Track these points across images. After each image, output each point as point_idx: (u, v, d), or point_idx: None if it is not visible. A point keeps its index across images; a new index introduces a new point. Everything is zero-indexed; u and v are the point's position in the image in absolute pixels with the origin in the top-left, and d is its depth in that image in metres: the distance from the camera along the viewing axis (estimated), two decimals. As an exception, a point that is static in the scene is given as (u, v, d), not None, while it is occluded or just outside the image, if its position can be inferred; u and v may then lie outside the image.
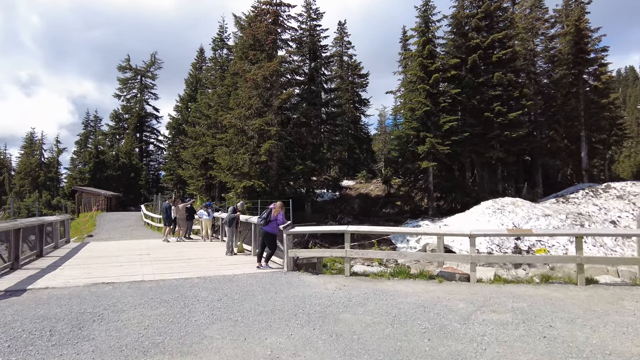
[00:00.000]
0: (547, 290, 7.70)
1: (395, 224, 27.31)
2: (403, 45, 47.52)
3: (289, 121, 25.28)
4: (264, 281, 8.27)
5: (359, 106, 47.23)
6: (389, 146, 48.02)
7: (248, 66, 25.84)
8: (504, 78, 26.55)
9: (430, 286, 8.06)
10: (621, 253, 18.92)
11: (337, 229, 9.18)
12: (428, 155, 25.73)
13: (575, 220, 23.03)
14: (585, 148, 33.24)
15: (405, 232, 9.05)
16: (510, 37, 28.33)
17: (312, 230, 9.92)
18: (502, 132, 26.52)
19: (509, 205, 23.99)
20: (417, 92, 26.74)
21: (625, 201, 25.08)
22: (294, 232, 9.48)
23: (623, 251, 19.41)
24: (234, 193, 24.88)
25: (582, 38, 32.29)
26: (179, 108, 51.65)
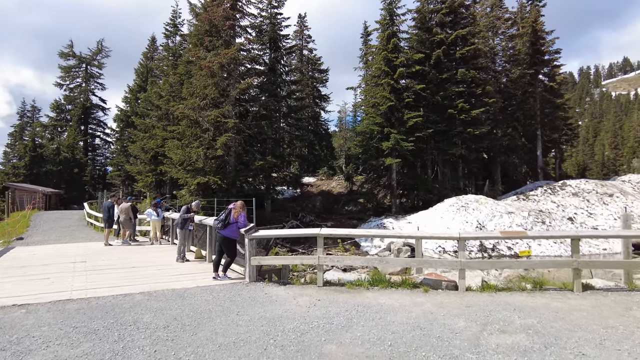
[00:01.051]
0: (545, 299, 6.88)
1: (358, 221, 26.50)
2: (364, 40, 46.93)
3: (248, 113, 23.69)
4: (223, 297, 6.89)
5: (319, 102, 46.17)
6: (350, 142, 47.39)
7: (203, 53, 23.93)
8: (467, 75, 26.37)
9: (416, 297, 7.03)
10: (588, 251, 19.08)
11: (309, 232, 7.95)
12: (392, 151, 25.05)
13: (537, 218, 23.20)
14: (541, 146, 34.07)
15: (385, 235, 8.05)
16: (474, 34, 28.27)
17: (280, 234, 8.62)
18: (464, 129, 26.35)
19: (472, 202, 23.81)
20: (381, 86, 25.96)
21: (580, 198, 25.69)
22: (257, 236, 8.14)
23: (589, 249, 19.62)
24: (187, 190, 22.97)
25: (538, 39, 32.99)
26: (127, 99, 48.17)
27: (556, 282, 8.84)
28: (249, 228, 8.04)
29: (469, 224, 22.28)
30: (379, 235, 7.99)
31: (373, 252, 22.33)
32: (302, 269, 13.31)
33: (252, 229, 8.08)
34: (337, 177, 37.58)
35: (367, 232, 7.93)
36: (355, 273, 9.75)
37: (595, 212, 24.26)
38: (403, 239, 21.52)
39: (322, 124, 46.87)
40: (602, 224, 23.24)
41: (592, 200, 25.23)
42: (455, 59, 27.53)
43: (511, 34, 33.74)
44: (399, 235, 7.73)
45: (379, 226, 24.12)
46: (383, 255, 21.84)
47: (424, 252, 21.02)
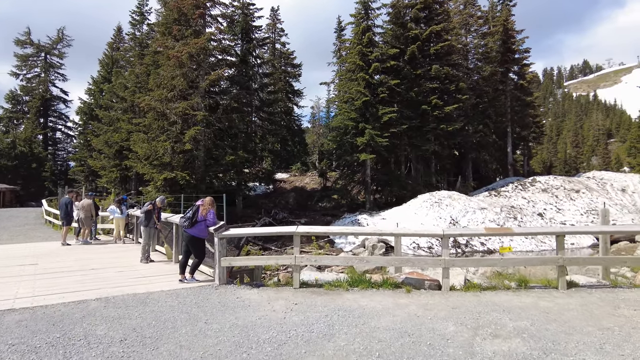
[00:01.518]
0: (532, 298, 6.62)
1: (332, 218, 26.09)
2: (338, 35, 46.56)
3: (218, 106, 22.76)
4: (190, 302, 6.25)
5: (292, 97, 45.40)
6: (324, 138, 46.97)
7: (172, 43, 22.81)
8: (441, 71, 26.37)
9: (399, 299, 6.62)
10: (550, 245, 19.30)
11: (284, 230, 7.40)
12: (367, 147, 24.74)
13: (509, 213, 23.48)
14: (511, 143, 34.70)
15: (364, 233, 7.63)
16: (447, 31, 28.31)
17: (253, 232, 8.02)
18: (438, 125, 26.37)
19: (445, 198, 23.85)
20: (355, 81, 25.57)
21: (549, 194, 26.23)
22: (228, 235, 7.52)
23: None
24: (153, 186, 21.88)
25: (509, 38, 33.50)
26: (91, 91, 45.84)
27: (537, 279, 8.66)
28: (218, 226, 7.40)
29: (442, 219, 22.28)
30: (358, 233, 7.54)
31: (348, 248, 21.98)
32: (275, 267, 12.76)
33: (222, 227, 7.45)
34: (310, 173, 37.08)
35: (345, 230, 7.47)
36: (333, 272, 9.27)
37: (563, 207, 24.81)
38: (380, 236, 21.29)
39: (295, 119, 46.20)
40: (570, 219, 23.78)
41: (560, 196, 25.81)
42: (429, 55, 27.49)
43: (483, 32, 34.12)
44: (379, 232, 7.30)
45: (354, 222, 23.79)
46: (358, 252, 21.57)
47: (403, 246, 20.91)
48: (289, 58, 46.57)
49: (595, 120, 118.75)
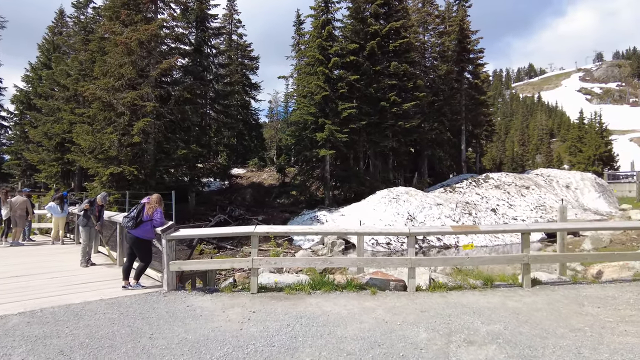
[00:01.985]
0: (499, 297, 6.46)
1: (291, 214, 25.55)
2: (297, 29, 45.80)
3: (170, 97, 21.48)
4: (133, 313, 5.53)
5: (250, 90, 44.19)
6: (282, 134, 46.21)
7: (120, 28, 21.24)
8: (400, 68, 26.45)
9: (365, 301, 6.24)
10: (502, 241, 19.89)
11: (241, 230, 6.80)
12: (326, 142, 24.37)
13: (464, 209, 23.97)
14: (465, 141, 35.63)
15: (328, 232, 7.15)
16: (406, 28, 28.44)
17: (207, 233, 7.33)
18: (396, 122, 26.47)
19: (403, 194, 23.98)
20: (315, 75, 25.09)
21: (502, 190, 27.10)
22: (178, 236, 6.80)
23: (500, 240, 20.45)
24: (99, 182, 20.34)
25: (465, 37, 34.30)
26: (29, 78, 42.22)
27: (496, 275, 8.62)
28: (167, 227, 6.67)
29: (400, 215, 22.37)
30: (322, 232, 7.09)
31: (306, 245, 21.54)
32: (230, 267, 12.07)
33: (170, 227, 6.73)
34: (268, 168, 36.27)
35: (309, 229, 7.00)
36: (293, 273, 8.76)
37: (514, 203, 25.70)
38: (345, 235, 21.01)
39: (253, 114, 45.05)
40: (521, 215, 24.67)
41: (511, 192, 26.74)
42: (388, 52, 27.50)
43: (440, 30, 34.72)
44: (343, 231, 6.90)
45: (313, 219, 23.38)
46: (316, 249, 21.21)
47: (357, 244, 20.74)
48: (245, 50, 45.27)
49: (539, 121, 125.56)
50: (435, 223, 22.40)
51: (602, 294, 6.71)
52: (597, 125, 46.71)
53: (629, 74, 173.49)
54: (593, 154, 43.22)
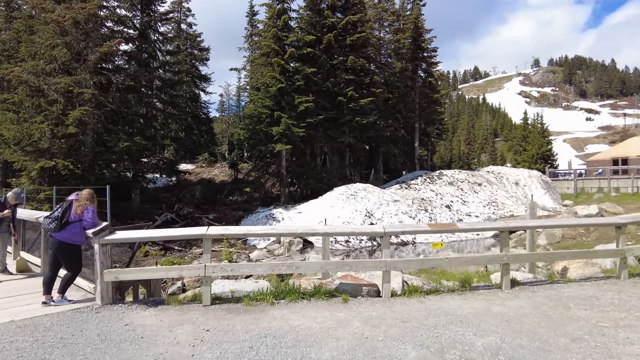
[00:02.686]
0: (481, 302, 5.91)
1: (245, 212, 24.34)
2: (250, 20, 44.30)
3: (111, 84, 19.56)
4: (52, 339, 4.36)
5: (199, 82, 42.13)
6: (234, 128, 44.55)
7: (51, 5, 19.01)
8: (357, 62, 25.98)
9: (337, 311, 5.45)
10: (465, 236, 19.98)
11: (191, 232, 5.74)
12: (283, 137, 23.38)
13: (420, 206, 23.97)
14: (418, 138, 35.98)
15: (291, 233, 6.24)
16: (364, 22, 28.02)
17: (150, 236, 6.18)
18: (353, 117, 26.01)
19: (361, 191, 23.58)
20: (270, 66, 24.01)
21: (455, 187, 27.49)
22: (114, 240, 5.65)
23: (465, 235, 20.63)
24: (27, 177, 18.11)
25: (420, 35, 34.52)
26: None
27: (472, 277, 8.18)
28: (100, 228, 5.50)
29: (358, 212, 21.92)
30: (287, 233, 6.23)
31: (262, 245, 20.50)
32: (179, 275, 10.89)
33: (105, 229, 5.56)
34: (219, 164, 34.64)
35: (271, 230, 6.11)
36: (252, 279, 7.82)
37: (468, 199, 26.13)
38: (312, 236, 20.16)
39: (203, 107, 43.00)
40: (474, 211, 25.10)
41: (465, 189, 27.19)
42: (345, 46, 26.94)
43: (396, 27, 34.73)
44: (310, 231, 6.10)
45: (268, 217, 22.35)
46: (272, 249, 20.23)
47: (314, 242, 19.96)
48: (195, 40, 43.15)
49: (484, 121, 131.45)
50: (393, 220, 22.19)
51: (583, 294, 6.37)
52: (539, 126, 49.22)
53: (561, 80, 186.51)
54: (536, 153, 45.41)
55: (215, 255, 19.35)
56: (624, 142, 46.39)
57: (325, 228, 6.35)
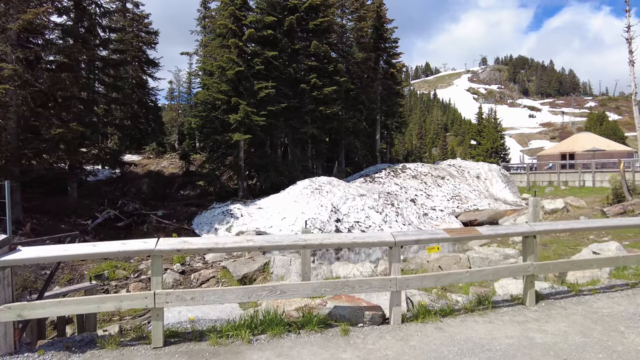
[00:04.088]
0: (512, 327, 4.72)
1: (198, 208, 22.24)
2: (203, 2, 41.43)
3: (40, 61, 16.78)
4: None
5: (147, 67, 38.77)
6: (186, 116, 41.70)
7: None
8: (320, 48, 24.48)
9: (339, 351, 4.05)
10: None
11: (133, 248, 4.00)
12: (241, 125, 21.45)
13: (387, 200, 23.04)
14: (379, 131, 35.19)
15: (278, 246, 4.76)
16: (327, 7, 26.49)
17: (74, 254, 4.31)
18: (317, 107, 24.58)
19: (326, 184, 22.23)
20: (227, 48, 21.93)
21: (419, 180, 26.89)
22: (16, 261, 3.85)
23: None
24: None
25: (382, 24, 33.56)
26: None
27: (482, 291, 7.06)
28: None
29: (324, 207, 20.57)
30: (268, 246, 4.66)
31: (218, 244, 18.66)
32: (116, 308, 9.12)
33: (1, 246, 3.76)
34: (169, 155, 31.93)
35: (246, 243, 4.59)
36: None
37: (432, 193, 25.60)
38: (243, 225, 18.48)
39: (151, 94, 39.68)
40: (439, 205, 24.59)
41: (428, 182, 26.66)
42: (308, 30, 25.35)
43: (358, 15, 33.52)
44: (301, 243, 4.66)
45: (225, 214, 20.46)
46: (234, 255, 18.40)
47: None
48: (143, 22, 39.64)
49: (435, 116, 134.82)
50: (360, 215, 21.09)
51: (620, 309, 5.38)
52: (493, 121, 50.32)
53: (506, 78, 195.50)
54: (490, 147, 46.32)
55: (164, 259, 17.31)
56: (570, 137, 48.51)
57: (318, 238, 4.88)
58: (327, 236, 4.94)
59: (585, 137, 44.74)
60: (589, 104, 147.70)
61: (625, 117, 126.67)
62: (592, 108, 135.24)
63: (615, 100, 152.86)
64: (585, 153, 41.57)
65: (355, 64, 32.65)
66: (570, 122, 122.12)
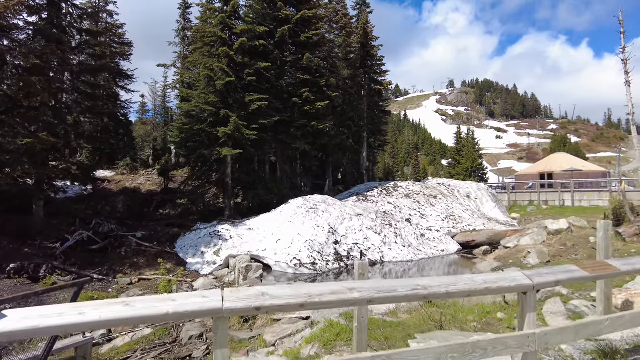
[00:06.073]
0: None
1: (181, 229, 20.27)
2: (182, 13, 39.99)
3: (6, 63, 14.77)
4: None
5: (120, 79, 36.59)
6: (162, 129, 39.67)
7: None
8: (313, 61, 23.44)
9: None
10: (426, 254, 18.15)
11: (192, 307, 2.55)
12: (230, 140, 19.88)
13: (384, 220, 21.88)
14: (366, 148, 34.36)
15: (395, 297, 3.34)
16: (319, 19, 25.64)
17: (90, 320, 2.69)
18: (309, 122, 23.37)
19: (321, 204, 20.83)
20: (216, 57, 20.47)
21: (412, 200, 25.97)
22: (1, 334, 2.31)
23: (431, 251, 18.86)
24: None
25: (369, 41, 33.11)
26: None
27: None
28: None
29: (321, 228, 19.12)
30: (390, 296, 3.25)
31: (206, 270, 16.83)
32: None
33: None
34: (144, 171, 29.74)
35: (361, 293, 3.22)
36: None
37: (426, 213, 24.68)
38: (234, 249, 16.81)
39: (124, 107, 37.38)
40: (434, 225, 23.65)
41: (421, 201, 25.77)
42: (300, 43, 24.31)
43: (347, 30, 32.95)
44: (423, 293, 3.29)
45: (212, 235, 18.64)
46: (220, 275, 16.58)
47: (274, 266, 16.71)
48: (117, 32, 37.59)
49: (406, 136, 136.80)
50: (358, 236, 19.78)
51: None
52: (471, 141, 50.77)
53: (473, 100, 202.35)
54: (470, 166, 46.45)
55: (148, 285, 15.30)
56: (547, 157, 49.43)
57: (441, 284, 3.55)
58: (452, 280, 3.62)
59: (561, 158, 45.65)
60: (551, 127, 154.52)
61: (584, 140, 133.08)
62: (554, 130, 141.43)
63: (575, 123, 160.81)
64: (563, 173, 42.24)
65: (343, 80, 31.87)
66: (537, 143, 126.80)
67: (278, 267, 16.43)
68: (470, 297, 7.42)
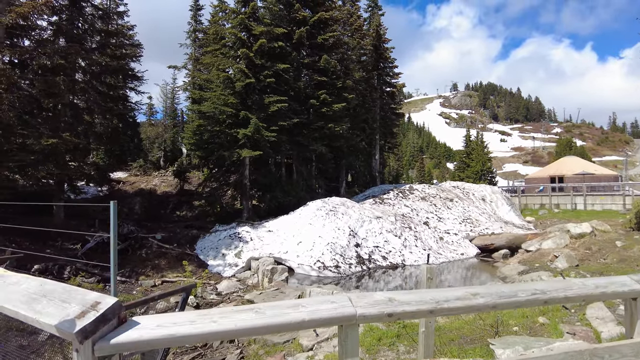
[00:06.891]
0: None
1: (199, 231, 20.16)
2: (194, 15, 40.00)
3: (32, 61, 14.69)
4: None
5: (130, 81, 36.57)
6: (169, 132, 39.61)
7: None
8: (330, 63, 23.33)
9: None
10: (451, 257, 17.88)
11: (324, 314, 2.42)
12: (249, 141, 19.76)
13: (404, 223, 21.71)
14: (378, 150, 34.22)
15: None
16: (335, 21, 25.55)
17: (222, 330, 2.49)
18: (325, 124, 23.23)
19: (340, 206, 20.70)
20: (236, 59, 20.40)
21: (428, 202, 25.80)
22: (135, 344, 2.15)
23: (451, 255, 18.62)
24: None
25: (382, 44, 33.02)
26: None
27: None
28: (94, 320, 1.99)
29: (341, 230, 18.98)
30: (512, 302, 3.09)
31: (228, 273, 16.67)
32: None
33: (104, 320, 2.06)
34: (158, 173, 29.65)
35: (485, 299, 3.04)
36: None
37: (443, 216, 24.50)
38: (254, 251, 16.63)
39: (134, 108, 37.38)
40: (452, 228, 23.47)
41: (438, 204, 25.60)
42: (317, 45, 24.20)
43: (362, 33, 32.88)
44: (554, 296, 3.12)
45: (233, 237, 18.50)
46: (243, 278, 16.43)
47: (296, 268, 16.56)
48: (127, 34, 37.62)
49: (411, 139, 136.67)
50: (378, 239, 19.61)
51: None
52: (481, 144, 50.61)
53: (477, 104, 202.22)
54: (480, 169, 46.25)
55: (172, 285, 15.17)
56: (558, 161, 49.19)
57: (559, 288, 3.37)
58: (566, 285, 3.46)
59: (572, 161, 45.43)
60: (555, 130, 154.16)
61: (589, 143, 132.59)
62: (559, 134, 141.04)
63: (579, 127, 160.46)
64: (575, 176, 42.01)
65: (357, 82, 31.77)
66: (542, 146, 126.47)
67: (301, 270, 16.29)
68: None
